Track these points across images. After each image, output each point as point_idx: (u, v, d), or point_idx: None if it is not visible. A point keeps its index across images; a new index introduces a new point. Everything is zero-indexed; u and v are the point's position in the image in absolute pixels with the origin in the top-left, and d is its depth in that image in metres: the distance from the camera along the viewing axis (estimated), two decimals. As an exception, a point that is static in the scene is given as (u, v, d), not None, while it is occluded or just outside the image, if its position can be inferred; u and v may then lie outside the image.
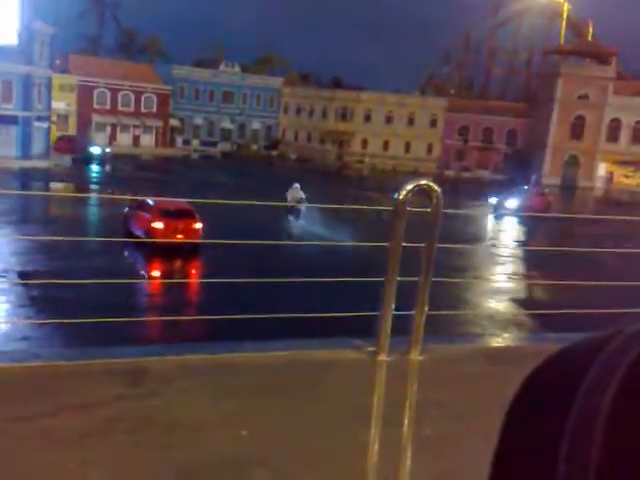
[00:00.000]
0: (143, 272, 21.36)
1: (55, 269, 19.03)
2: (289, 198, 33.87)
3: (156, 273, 21.73)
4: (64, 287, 15.34)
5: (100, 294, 14.89)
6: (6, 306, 16.04)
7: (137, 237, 24.29)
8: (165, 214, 22.68)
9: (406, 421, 3.08)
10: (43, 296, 16.43)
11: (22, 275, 18.80)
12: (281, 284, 13.34)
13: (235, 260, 17.12)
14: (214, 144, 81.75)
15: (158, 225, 22.43)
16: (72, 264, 19.74)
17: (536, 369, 0.52)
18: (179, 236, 22.37)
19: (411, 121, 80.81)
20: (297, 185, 35.09)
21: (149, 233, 22.63)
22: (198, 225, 22.85)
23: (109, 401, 2.72)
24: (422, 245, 3.34)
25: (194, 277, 21.75)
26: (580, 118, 72.70)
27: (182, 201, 23.94)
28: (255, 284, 14.27)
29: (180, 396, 2.87)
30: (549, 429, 0.44)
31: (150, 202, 23.73)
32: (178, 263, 22.67)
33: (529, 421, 0.49)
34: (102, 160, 55.61)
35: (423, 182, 3.31)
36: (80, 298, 15.21)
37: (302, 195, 33.35)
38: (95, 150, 56.91)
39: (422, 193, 3.28)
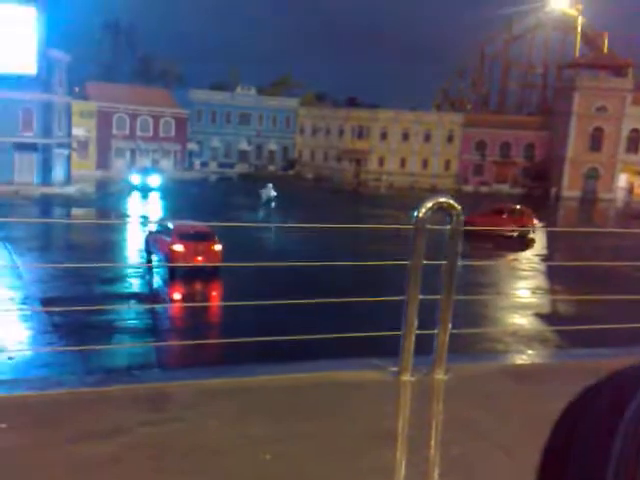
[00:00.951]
0: (164, 295, 21.46)
1: (78, 295, 19.17)
2: (263, 196, 42.32)
3: (177, 296, 21.81)
4: (87, 312, 15.44)
5: (123, 318, 14.97)
6: (28, 332, 16.15)
7: (158, 260, 24.46)
8: (185, 237, 22.79)
9: (432, 442, 3.02)
10: (65, 322, 16.53)
11: (44, 302, 18.94)
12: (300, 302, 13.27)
13: (256, 278, 17.14)
14: (231, 166, 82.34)
15: (178, 248, 22.54)
16: (94, 289, 19.90)
17: (581, 394, 0.50)
18: (199, 258, 22.44)
19: (427, 138, 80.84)
20: (270, 185, 43.56)
21: (169, 256, 22.76)
22: (218, 247, 22.93)
23: (131, 427, 2.70)
24: (443, 262, 3.31)
25: (215, 299, 21.79)
26: (598, 130, 72.27)
27: (202, 224, 24.07)
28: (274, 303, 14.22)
29: (202, 421, 2.85)
30: (595, 454, 0.42)
31: (170, 225, 23.88)
32: (199, 285, 22.75)
33: (574, 446, 0.47)
34: (143, 189, 53.89)
35: (442, 199, 3.28)
36: (102, 323, 15.31)
37: (273, 193, 41.94)
38: (135, 180, 55.30)
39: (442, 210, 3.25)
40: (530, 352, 13.06)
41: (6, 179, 51.12)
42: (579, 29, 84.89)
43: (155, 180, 57.62)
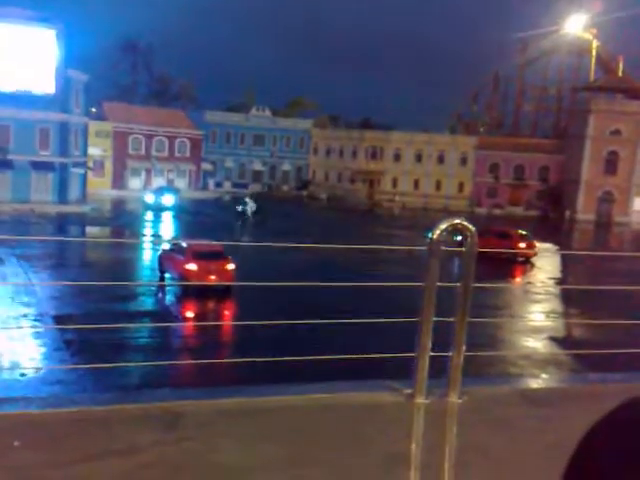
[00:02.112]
0: (176, 313, 21.50)
1: (91, 312, 19.25)
2: (239, 208, 47.49)
3: (189, 314, 21.86)
4: (99, 329, 15.47)
5: (135, 336, 15.00)
6: (41, 349, 16.20)
7: (171, 279, 24.59)
8: (198, 256, 22.89)
9: (446, 466, 2.99)
10: (78, 339, 16.58)
11: (57, 319, 19.03)
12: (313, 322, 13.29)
13: (268, 298, 17.14)
14: (245, 186, 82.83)
15: (191, 267, 22.64)
16: (108, 307, 19.97)
17: (601, 421, 0.48)
18: (212, 277, 22.52)
19: (441, 159, 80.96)
20: (247, 199, 49.19)
21: (183, 275, 22.86)
22: (231, 266, 23.01)
23: (144, 446, 2.69)
24: (457, 285, 3.29)
25: (227, 318, 21.80)
26: (613, 153, 72.03)
27: (215, 243, 24.18)
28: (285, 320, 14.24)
29: (215, 441, 2.84)
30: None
31: (183, 244, 24.02)
32: (211, 304, 22.79)
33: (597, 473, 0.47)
34: (157, 208, 53.22)
35: (457, 221, 3.28)
36: (115, 340, 15.34)
37: (252, 207, 46.98)
38: (167, 200, 54.30)
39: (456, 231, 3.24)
40: (546, 376, 12.92)
41: (23, 197, 51.69)
42: (594, 52, 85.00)
43: (169, 199, 57.91)
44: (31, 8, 51.84)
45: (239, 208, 48.04)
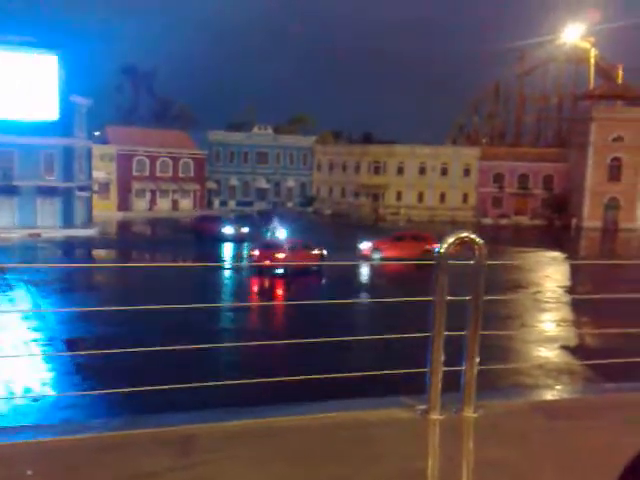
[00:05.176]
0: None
1: (99, 335, 19.24)
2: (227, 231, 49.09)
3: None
4: (109, 353, 15.44)
5: (147, 360, 14.90)
6: (52, 374, 16.19)
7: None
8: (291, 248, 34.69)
9: (463, 482, 2.95)
10: (89, 363, 16.56)
11: (67, 342, 19.03)
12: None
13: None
14: (250, 204, 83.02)
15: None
16: (114, 330, 19.94)
17: None
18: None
19: (444, 171, 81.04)
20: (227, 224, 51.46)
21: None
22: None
23: (158, 471, 2.67)
24: (468, 298, 3.27)
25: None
26: (616, 160, 71.97)
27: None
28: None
29: (229, 464, 2.81)
30: None
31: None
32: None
33: None
34: (235, 240, 49.80)
35: (464, 234, 3.26)
36: (124, 364, 15.27)
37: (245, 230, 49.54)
38: (228, 230, 51.27)
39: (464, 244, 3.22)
40: (562, 387, 12.80)
41: (29, 223, 51.93)
42: (592, 61, 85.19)
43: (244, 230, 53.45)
44: (32, 35, 52.34)
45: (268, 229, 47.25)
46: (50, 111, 52.76)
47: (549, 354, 19.07)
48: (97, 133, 71.18)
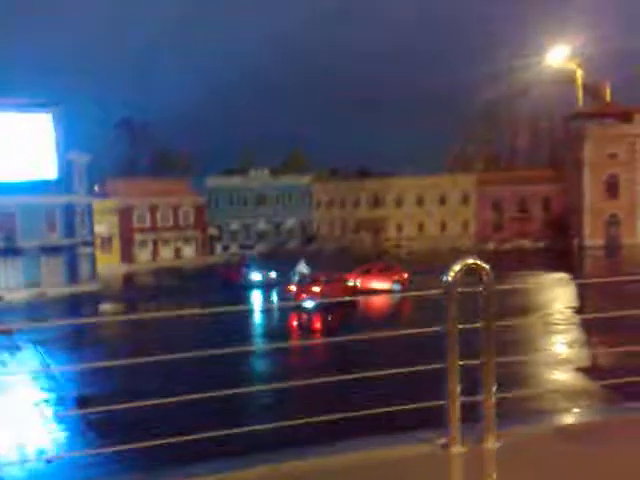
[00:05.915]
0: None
1: (110, 391, 19.06)
2: (296, 272, 43.87)
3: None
4: (121, 409, 15.27)
5: (161, 415, 14.74)
6: (65, 434, 16.00)
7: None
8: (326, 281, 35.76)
9: (491, 515, 2.88)
10: (100, 420, 16.38)
11: (78, 400, 18.85)
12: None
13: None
14: (251, 247, 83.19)
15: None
16: (127, 385, 19.76)
17: None
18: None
19: (443, 200, 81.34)
20: (302, 260, 46.76)
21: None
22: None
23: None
24: (479, 325, 3.24)
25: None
26: (613, 177, 72.19)
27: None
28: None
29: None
30: None
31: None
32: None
33: None
34: (263, 285, 49.69)
35: (470, 261, 3.25)
36: (136, 419, 15.10)
37: (306, 270, 44.49)
38: (256, 277, 51.20)
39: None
40: (584, 409, 12.62)
41: (34, 281, 51.95)
42: (579, 82, 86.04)
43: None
44: (25, 96, 53.09)
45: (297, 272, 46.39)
46: (49, 169, 53.24)
47: (564, 376, 18.86)
48: (96, 187, 71.69)
